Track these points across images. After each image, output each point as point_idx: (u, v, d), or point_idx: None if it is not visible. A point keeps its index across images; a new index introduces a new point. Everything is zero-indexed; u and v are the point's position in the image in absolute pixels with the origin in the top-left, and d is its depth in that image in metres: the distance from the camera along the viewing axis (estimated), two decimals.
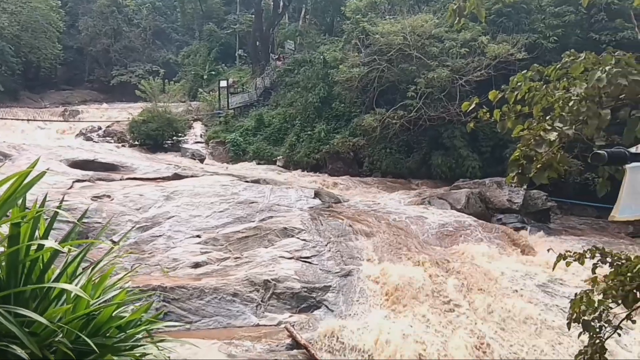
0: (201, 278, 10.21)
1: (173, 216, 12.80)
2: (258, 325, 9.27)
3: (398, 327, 9.14)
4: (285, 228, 12.36)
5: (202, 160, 26.82)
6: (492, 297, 10.26)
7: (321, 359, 8.10)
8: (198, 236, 12.10)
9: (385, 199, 18.54)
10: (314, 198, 15.64)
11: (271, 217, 13.23)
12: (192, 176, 16.92)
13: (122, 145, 28.34)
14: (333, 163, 25.58)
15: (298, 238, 12.04)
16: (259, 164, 27.02)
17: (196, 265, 10.87)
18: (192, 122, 33.11)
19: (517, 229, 15.67)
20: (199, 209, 13.27)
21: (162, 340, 2.79)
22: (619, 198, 2.65)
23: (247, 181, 16.60)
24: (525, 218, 17.59)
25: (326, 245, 11.83)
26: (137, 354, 2.61)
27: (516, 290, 10.74)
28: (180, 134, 29.56)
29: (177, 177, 16.82)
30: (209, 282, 9.86)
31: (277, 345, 8.46)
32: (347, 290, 10.36)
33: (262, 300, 9.73)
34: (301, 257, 11.25)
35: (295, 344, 8.44)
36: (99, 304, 2.63)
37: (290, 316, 9.49)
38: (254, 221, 12.91)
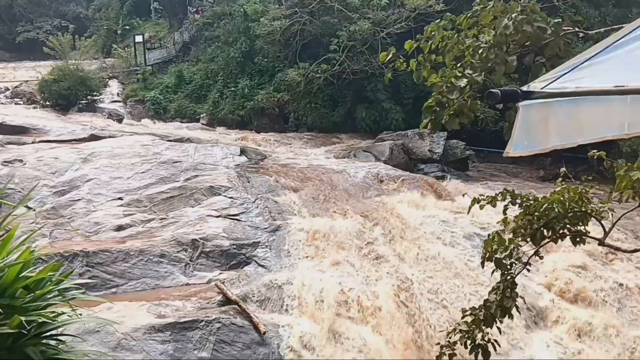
0: (125, 241, 9.97)
1: (92, 179, 12.32)
2: (187, 284, 9.22)
3: (326, 277, 9.38)
4: (212, 186, 12.22)
5: (120, 120, 25.67)
6: (414, 244, 10.70)
7: (251, 313, 8.20)
8: (120, 198, 11.73)
9: (312, 154, 18.66)
10: (240, 155, 15.47)
11: (196, 176, 13.00)
12: (110, 137, 16.28)
13: (33, 107, 26.62)
14: (258, 119, 25.26)
15: (225, 196, 11.94)
16: (181, 122, 26.28)
17: (119, 228, 10.58)
18: (107, 80, 31.44)
19: (438, 178, 16.24)
20: (119, 170, 12.83)
21: (73, 299, 2.71)
22: (512, 135, 2.80)
23: (169, 140, 16.15)
24: (446, 167, 18.30)
25: (254, 201, 11.82)
26: (50, 315, 2.52)
27: (434, 234, 11.25)
28: (95, 93, 28.03)
29: (94, 138, 16.14)
30: (134, 245, 9.65)
31: (207, 303, 8.48)
32: (277, 245, 10.46)
33: (190, 260, 9.65)
34: (229, 215, 11.20)
35: (226, 300, 8.50)
36: (2, 265, 2.50)
37: (220, 273, 9.49)
38: (178, 181, 12.65)
